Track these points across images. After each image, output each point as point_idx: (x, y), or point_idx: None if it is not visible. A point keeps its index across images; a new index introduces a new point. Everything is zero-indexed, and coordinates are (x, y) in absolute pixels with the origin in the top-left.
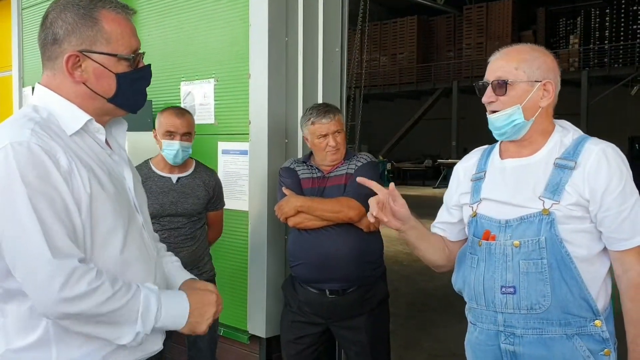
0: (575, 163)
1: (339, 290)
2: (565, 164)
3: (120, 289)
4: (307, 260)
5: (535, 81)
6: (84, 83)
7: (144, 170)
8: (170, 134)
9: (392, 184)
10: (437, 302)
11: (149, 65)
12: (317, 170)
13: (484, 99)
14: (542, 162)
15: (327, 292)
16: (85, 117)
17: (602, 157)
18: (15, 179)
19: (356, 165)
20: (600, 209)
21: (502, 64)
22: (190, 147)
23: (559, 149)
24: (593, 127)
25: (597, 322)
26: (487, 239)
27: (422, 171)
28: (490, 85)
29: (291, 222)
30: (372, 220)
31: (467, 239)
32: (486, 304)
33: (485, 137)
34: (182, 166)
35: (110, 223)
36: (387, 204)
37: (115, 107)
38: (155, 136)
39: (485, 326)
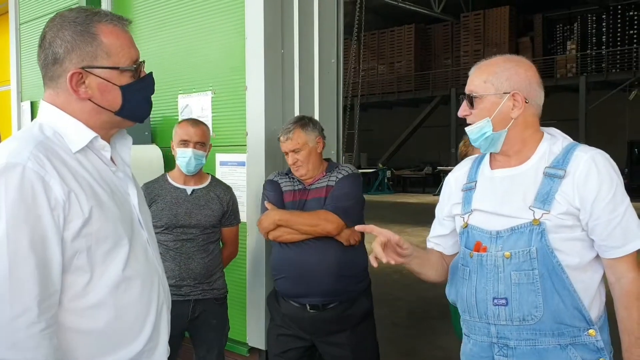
0: (565, 172)
1: (319, 305)
2: (555, 173)
3: None
4: (288, 274)
5: (504, 93)
6: (89, 99)
7: (160, 182)
8: (184, 143)
9: (399, 238)
10: (438, 311)
11: (151, 73)
12: (298, 182)
13: (459, 113)
14: (532, 172)
15: (308, 307)
16: (90, 134)
17: (592, 165)
18: (0, 201)
19: (337, 178)
20: (591, 217)
21: (473, 78)
22: (203, 156)
23: (548, 157)
24: (592, 133)
25: (591, 331)
26: (478, 251)
27: (422, 178)
28: (465, 99)
29: (271, 236)
30: (375, 264)
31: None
32: (479, 315)
33: None
34: (198, 179)
35: (111, 243)
36: (391, 244)
37: (122, 119)
38: (172, 148)
39: (479, 338)
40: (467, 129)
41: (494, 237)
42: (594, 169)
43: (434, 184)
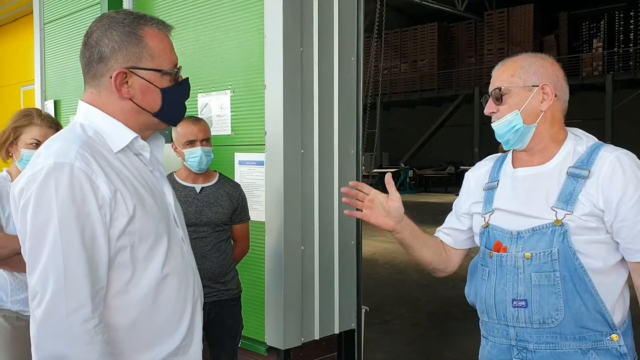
0: (589, 172)
1: None
2: (579, 173)
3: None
4: None
5: (533, 86)
6: (130, 99)
7: (169, 181)
8: (190, 143)
9: (388, 174)
10: (459, 312)
11: (187, 78)
12: None
13: (485, 111)
14: (555, 171)
15: None
16: (131, 134)
17: (617, 165)
18: (51, 200)
19: None
20: (615, 219)
21: (499, 74)
22: (211, 151)
23: (572, 157)
24: (618, 132)
25: (614, 336)
26: (498, 251)
27: (445, 178)
28: (490, 97)
29: None
30: (346, 201)
31: (470, 249)
32: (497, 317)
33: None
34: (206, 177)
35: (152, 240)
36: (377, 200)
37: (159, 121)
38: (175, 149)
39: (498, 340)
40: (494, 124)
41: (514, 238)
42: (619, 170)
43: (456, 183)
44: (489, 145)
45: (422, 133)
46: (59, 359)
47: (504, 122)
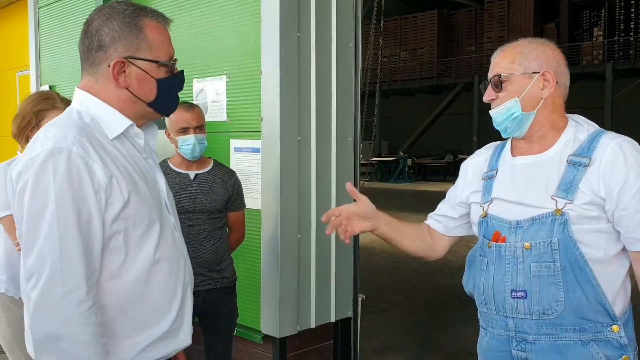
0: (590, 160)
1: None
2: (579, 161)
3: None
4: None
5: (533, 72)
6: (126, 88)
7: (162, 168)
8: (183, 130)
9: (348, 184)
10: (456, 300)
11: (183, 71)
12: None
13: (485, 98)
14: (555, 159)
15: None
16: (127, 122)
17: (619, 152)
18: (49, 184)
19: None
20: (617, 208)
21: (499, 60)
22: (205, 139)
23: (573, 145)
24: (618, 121)
25: (615, 327)
26: (497, 241)
27: (443, 167)
28: (490, 84)
29: None
30: (328, 233)
31: (460, 237)
32: (496, 308)
33: None
34: (200, 163)
35: (145, 226)
36: (350, 213)
37: (153, 111)
38: (168, 135)
39: (496, 331)
40: (492, 111)
41: (513, 227)
42: (620, 157)
43: (454, 172)
44: (488, 134)
45: (421, 121)
46: (54, 339)
47: (502, 110)
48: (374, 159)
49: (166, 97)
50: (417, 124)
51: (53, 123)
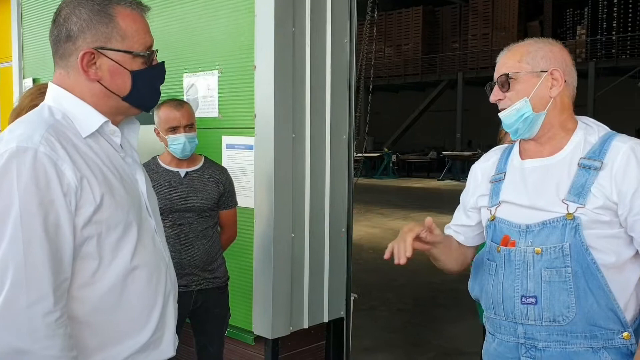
0: (602, 163)
1: None
2: (591, 164)
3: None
4: None
5: (541, 71)
6: (98, 81)
7: (151, 165)
8: (173, 129)
9: (429, 219)
10: (445, 297)
11: (163, 62)
12: None
13: (492, 98)
14: (566, 162)
15: None
16: (101, 118)
17: (631, 156)
18: (12, 185)
19: None
20: (630, 213)
21: (506, 60)
22: (195, 137)
23: (584, 147)
24: (600, 119)
25: (626, 334)
26: (506, 245)
27: (427, 163)
28: (496, 84)
29: None
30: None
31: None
32: (505, 314)
33: (491, 129)
34: (191, 161)
35: (121, 230)
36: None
37: (129, 106)
38: (157, 134)
39: (505, 337)
40: (502, 113)
41: (523, 232)
42: (633, 160)
43: (438, 169)
44: (472, 131)
45: (406, 118)
46: (17, 354)
47: (512, 111)
48: (359, 154)
49: (143, 90)
50: (401, 120)
51: (21, 120)
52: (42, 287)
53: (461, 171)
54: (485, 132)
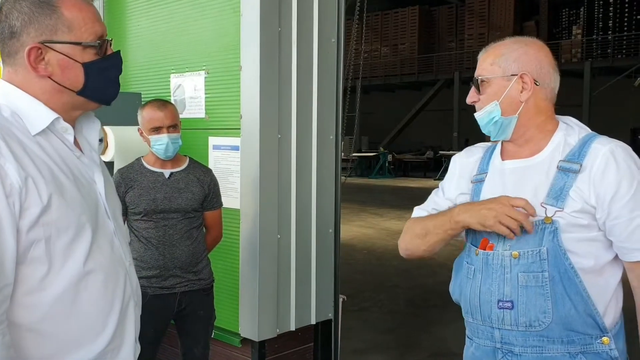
0: (581, 166)
1: None
2: (570, 167)
3: None
4: None
5: (512, 75)
6: (49, 77)
7: (135, 167)
8: (156, 129)
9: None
10: (437, 298)
11: (119, 51)
12: None
13: (467, 100)
14: (544, 164)
15: None
16: (51, 115)
17: (610, 159)
18: None
19: None
20: (608, 217)
21: (481, 62)
22: (178, 138)
23: (563, 149)
24: (595, 119)
25: (605, 339)
26: (485, 249)
27: (424, 163)
28: (473, 85)
29: None
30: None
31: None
32: (482, 318)
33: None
34: (175, 162)
35: (72, 233)
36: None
37: (85, 100)
38: (141, 134)
39: (482, 342)
40: (476, 114)
41: (502, 235)
42: (612, 164)
43: (435, 168)
44: (468, 130)
45: (402, 117)
46: None
47: (484, 114)
48: (354, 154)
49: (98, 82)
50: (397, 119)
51: None
52: None
53: None
54: (482, 131)
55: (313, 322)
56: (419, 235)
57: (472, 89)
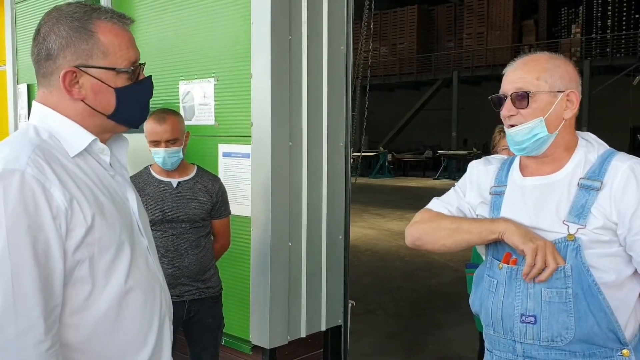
0: (601, 183)
1: None
2: (591, 185)
3: None
4: None
5: (558, 91)
6: (82, 100)
7: (143, 175)
8: (154, 143)
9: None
10: (442, 300)
11: (150, 77)
12: None
13: (504, 112)
14: (565, 182)
15: None
16: (89, 137)
17: (630, 176)
18: None
19: None
20: (629, 233)
21: (522, 74)
22: (178, 151)
23: (584, 166)
24: (595, 118)
25: (625, 351)
26: (508, 263)
27: (423, 162)
28: (509, 98)
29: None
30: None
31: None
32: (504, 332)
33: (485, 128)
34: (183, 171)
35: (113, 252)
36: None
37: (115, 124)
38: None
39: (503, 355)
40: (512, 130)
41: None
42: (632, 180)
43: (434, 167)
44: (467, 129)
45: (401, 117)
46: None
47: (524, 129)
48: (355, 154)
49: (129, 107)
50: (397, 119)
51: (6, 142)
52: (32, 316)
53: (457, 170)
54: (480, 130)
55: (323, 328)
56: (445, 229)
57: (509, 102)
